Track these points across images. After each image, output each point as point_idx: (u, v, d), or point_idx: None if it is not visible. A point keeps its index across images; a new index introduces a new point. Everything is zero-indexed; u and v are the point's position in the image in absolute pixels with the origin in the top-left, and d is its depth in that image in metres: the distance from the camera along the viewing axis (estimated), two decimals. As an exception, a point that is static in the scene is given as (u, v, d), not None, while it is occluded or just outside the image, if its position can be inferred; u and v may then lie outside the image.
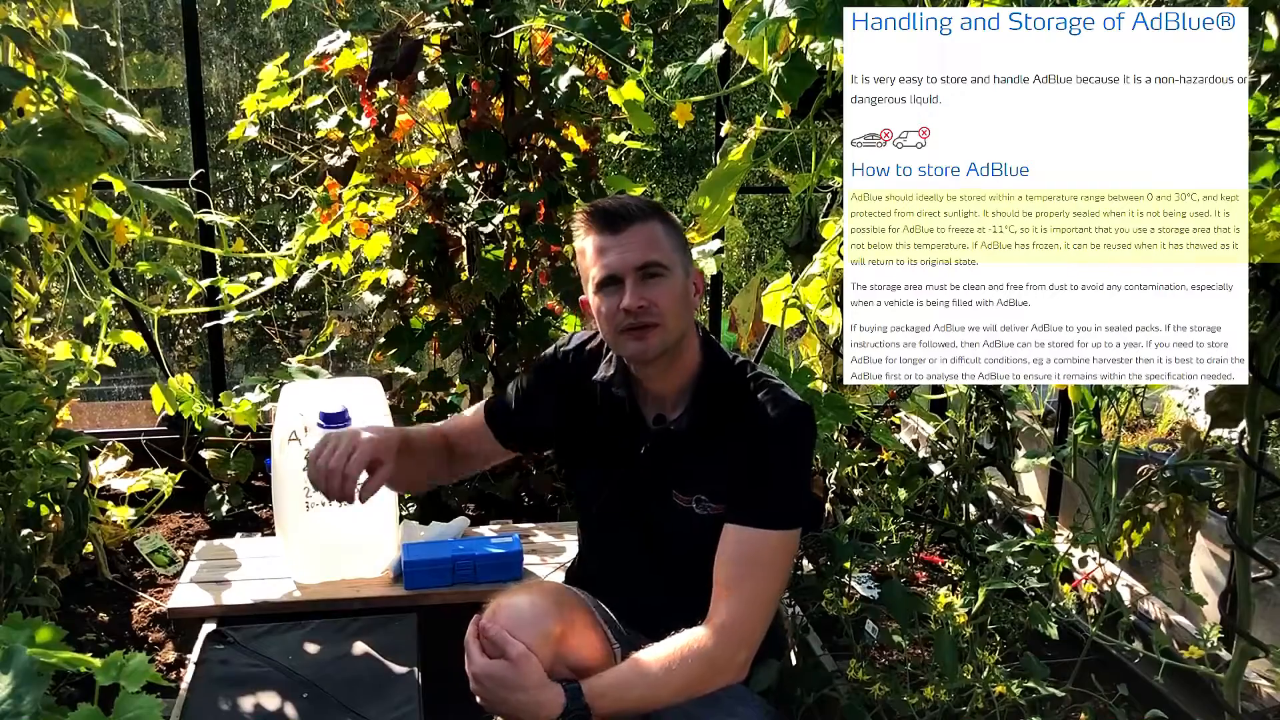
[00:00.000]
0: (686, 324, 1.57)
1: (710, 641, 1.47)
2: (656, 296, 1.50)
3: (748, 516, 1.51)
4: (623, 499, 1.65)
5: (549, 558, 2.34)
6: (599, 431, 1.66)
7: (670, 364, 1.57)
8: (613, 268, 1.51)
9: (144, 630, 2.40)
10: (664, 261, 1.52)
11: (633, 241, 1.51)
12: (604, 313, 1.54)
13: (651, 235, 1.52)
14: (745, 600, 1.49)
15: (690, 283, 1.57)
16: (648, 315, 1.50)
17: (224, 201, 6.12)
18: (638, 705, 1.45)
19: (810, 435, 1.58)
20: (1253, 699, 1.87)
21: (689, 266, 1.58)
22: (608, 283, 1.52)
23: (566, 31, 2.19)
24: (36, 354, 2.43)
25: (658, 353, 1.53)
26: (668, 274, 1.52)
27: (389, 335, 2.71)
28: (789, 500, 1.55)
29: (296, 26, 5.99)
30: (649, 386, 1.61)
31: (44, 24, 2.17)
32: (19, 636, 0.94)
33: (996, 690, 1.62)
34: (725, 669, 1.48)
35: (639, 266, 1.50)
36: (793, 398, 1.57)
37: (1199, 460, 1.91)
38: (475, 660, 1.44)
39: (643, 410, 1.62)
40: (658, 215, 1.55)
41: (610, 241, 1.52)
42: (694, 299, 1.59)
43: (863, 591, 2.27)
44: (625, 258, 1.50)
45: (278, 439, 2.13)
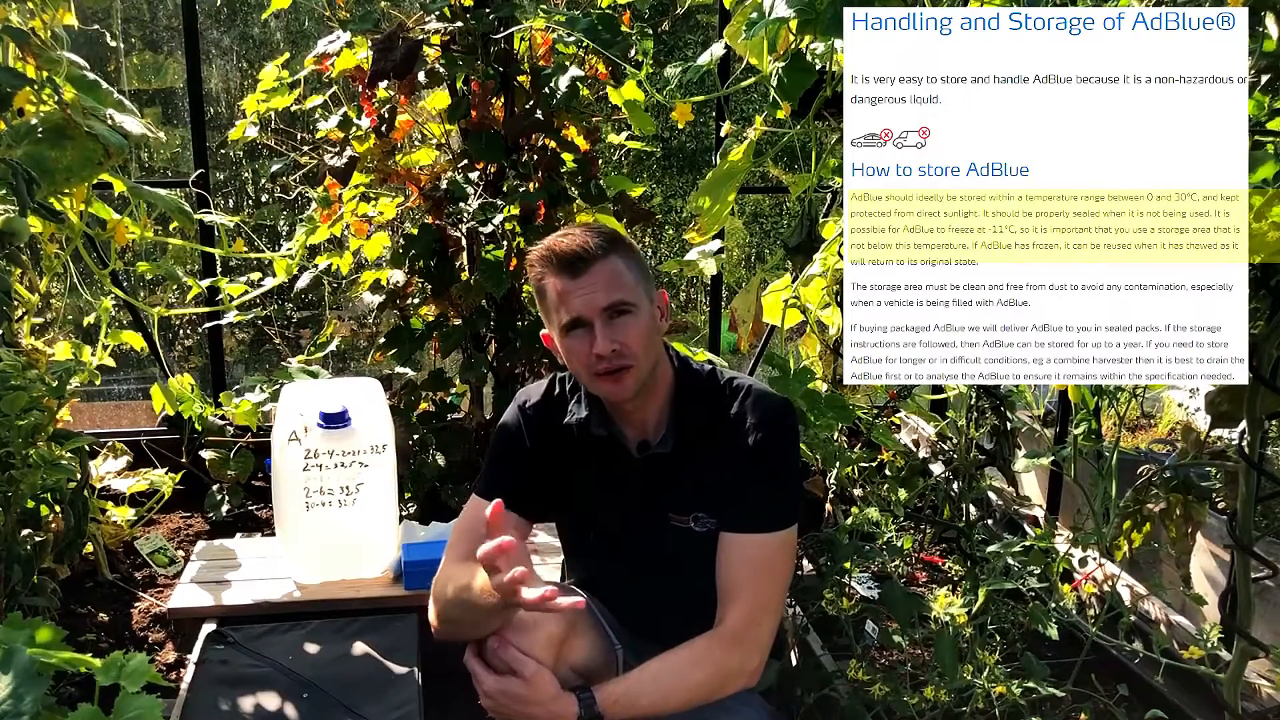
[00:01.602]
0: (657, 353, 1.55)
1: (723, 649, 1.46)
2: (626, 337, 1.47)
3: (748, 523, 1.51)
4: (619, 531, 1.63)
5: (549, 558, 2.34)
6: (583, 473, 1.63)
7: (646, 394, 1.55)
8: (578, 311, 1.48)
9: (144, 630, 2.40)
10: (629, 299, 1.49)
11: (596, 283, 1.47)
12: (574, 355, 1.51)
13: (613, 272, 1.49)
14: (755, 606, 1.49)
15: (655, 309, 1.55)
16: (620, 359, 1.48)
17: (224, 201, 6.12)
18: (649, 711, 1.45)
19: (793, 429, 1.58)
20: (1253, 699, 1.87)
21: (652, 292, 1.55)
22: (574, 326, 1.49)
23: (566, 31, 2.19)
24: (36, 354, 2.42)
25: (634, 392, 1.51)
26: (635, 310, 1.49)
27: (389, 335, 2.71)
28: (784, 499, 1.54)
29: (296, 26, 5.99)
30: (628, 417, 1.59)
31: (44, 24, 2.17)
32: (19, 636, 0.94)
33: (996, 690, 1.62)
34: (738, 675, 1.48)
35: (605, 308, 1.47)
36: (770, 394, 1.57)
37: (1199, 460, 1.91)
38: (486, 680, 1.43)
39: (625, 442, 1.60)
40: (615, 249, 1.51)
41: (572, 285, 1.48)
42: (661, 323, 1.57)
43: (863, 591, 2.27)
44: (591, 299, 1.47)
45: (278, 439, 2.13)
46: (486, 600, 1.35)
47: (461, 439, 2.66)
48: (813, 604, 1.91)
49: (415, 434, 2.67)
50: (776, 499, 1.53)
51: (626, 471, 1.60)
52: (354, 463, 2.14)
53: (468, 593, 1.42)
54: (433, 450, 2.65)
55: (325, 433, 2.11)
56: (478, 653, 1.46)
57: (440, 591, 1.53)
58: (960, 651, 1.70)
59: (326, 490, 2.13)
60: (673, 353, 1.63)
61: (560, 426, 1.63)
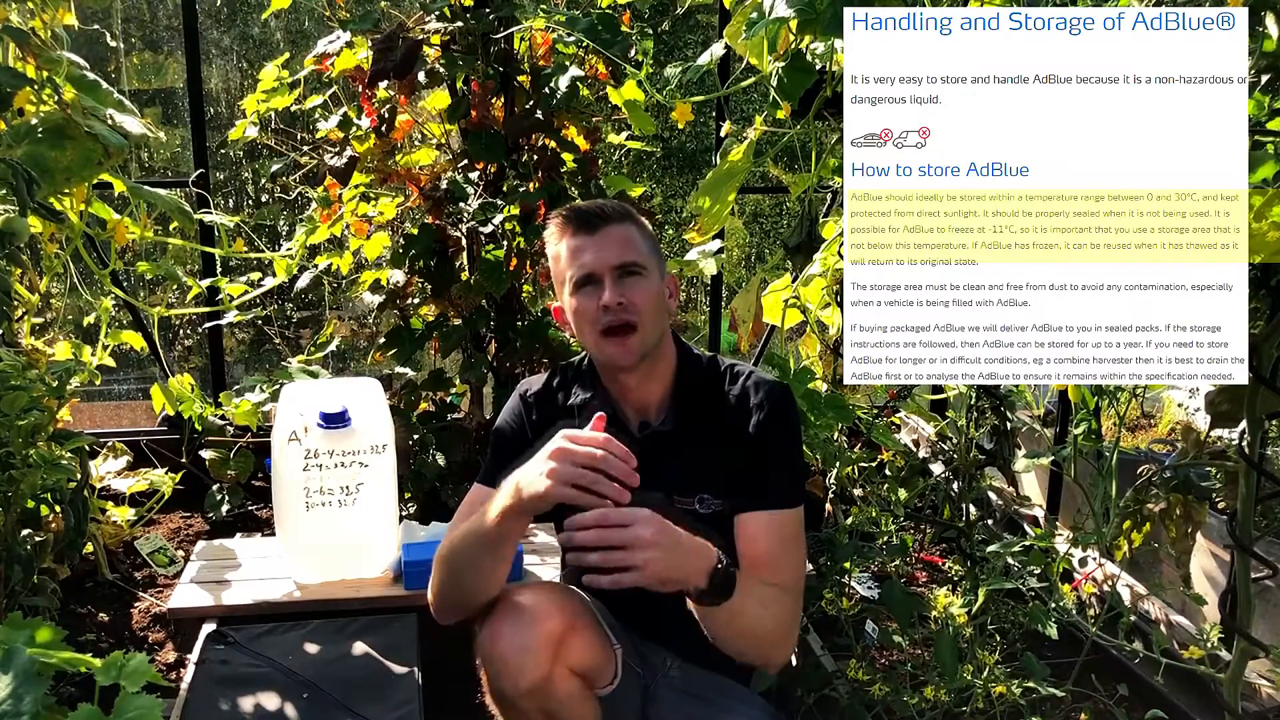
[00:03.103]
0: (663, 327, 1.57)
1: (793, 600, 1.49)
2: (635, 295, 1.50)
3: (769, 501, 1.52)
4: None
5: (549, 558, 2.34)
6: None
7: (650, 369, 1.57)
8: (590, 266, 1.51)
9: (144, 630, 2.40)
10: (640, 262, 1.52)
11: (610, 241, 1.51)
12: (582, 313, 1.53)
13: (628, 236, 1.53)
14: (788, 587, 1.49)
15: (665, 286, 1.58)
16: (626, 313, 1.50)
17: (224, 201, 6.13)
18: (740, 624, 1.41)
19: (795, 409, 1.60)
20: (1253, 699, 1.87)
21: (663, 271, 1.59)
22: (585, 282, 1.52)
23: (566, 31, 2.19)
24: (36, 354, 2.43)
25: (638, 356, 1.53)
26: (645, 274, 1.52)
27: (389, 335, 2.71)
28: (797, 477, 1.57)
29: (296, 26, 5.99)
30: (630, 396, 1.60)
31: (44, 24, 2.17)
32: (19, 636, 0.94)
33: (996, 690, 1.62)
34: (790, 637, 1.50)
35: (616, 265, 1.50)
36: (768, 378, 1.59)
37: (1199, 460, 1.91)
38: (644, 529, 1.30)
39: (626, 422, 1.61)
40: (633, 219, 1.56)
41: (586, 242, 1.52)
42: (669, 303, 1.59)
43: (863, 591, 2.27)
44: (603, 256, 1.51)
45: (278, 439, 2.13)
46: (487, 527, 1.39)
47: (461, 439, 2.66)
48: (813, 604, 1.92)
49: (415, 434, 2.67)
50: (794, 476, 1.56)
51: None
52: (354, 463, 2.14)
53: (467, 532, 1.45)
54: (433, 450, 2.65)
55: (325, 433, 2.11)
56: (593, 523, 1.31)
57: (440, 553, 1.54)
58: (960, 651, 1.70)
59: (326, 490, 2.13)
60: (677, 337, 1.65)
61: (561, 412, 1.64)
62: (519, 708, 1.50)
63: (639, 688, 1.66)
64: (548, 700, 1.49)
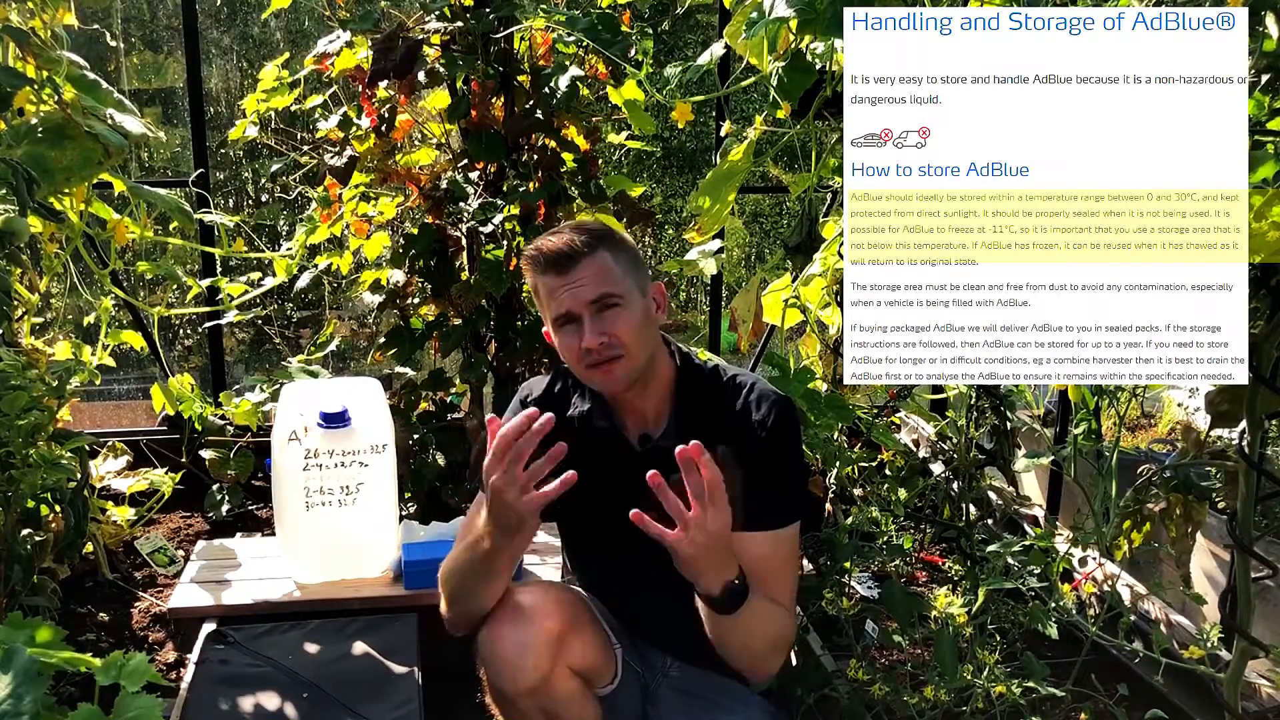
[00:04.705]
0: (653, 344, 1.56)
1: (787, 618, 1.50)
2: (614, 329, 1.49)
3: (768, 521, 1.51)
4: (625, 527, 1.63)
5: (549, 558, 2.34)
6: (585, 466, 1.64)
7: (646, 384, 1.57)
8: (566, 307, 1.50)
9: (144, 630, 2.40)
10: (617, 292, 1.50)
11: (583, 278, 1.49)
12: (566, 349, 1.53)
13: (600, 267, 1.50)
14: (785, 604, 1.51)
15: (650, 300, 1.56)
16: (610, 350, 1.49)
17: (224, 201, 6.13)
18: (740, 638, 1.45)
19: (797, 424, 1.60)
20: (1253, 699, 1.87)
21: (645, 285, 1.56)
22: (565, 321, 1.52)
23: (566, 31, 2.18)
24: (36, 354, 2.42)
25: (626, 383, 1.53)
26: (623, 302, 1.50)
27: (389, 335, 2.71)
28: (797, 493, 1.58)
29: (296, 26, 5.99)
30: (629, 408, 1.60)
31: (44, 24, 2.17)
32: (19, 636, 0.94)
33: (996, 690, 1.62)
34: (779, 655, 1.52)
35: (592, 301, 1.49)
36: (772, 391, 1.58)
37: (1199, 460, 1.91)
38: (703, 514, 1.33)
39: (627, 435, 1.61)
40: (604, 244, 1.53)
41: (559, 282, 1.50)
42: (657, 315, 1.58)
43: (863, 591, 2.27)
44: (578, 295, 1.49)
45: (278, 439, 2.13)
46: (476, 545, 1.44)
47: (461, 439, 2.66)
48: (813, 604, 1.92)
49: (415, 434, 2.67)
50: (795, 493, 1.57)
51: (628, 464, 1.60)
52: (354, 462, 2.14)
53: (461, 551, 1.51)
54: (433, 450, 2.65)
55: (325, 432, 2.11)
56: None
57: (441, 574, 1.58)
58: (960, 651, 1.70)
59: (326, 490, 2.13)
60: (674, 347, 1.64)
61: (562, 420, 1.63)
62: (519, 707, 1.50)
63: (639, 687, 1.66)
64: (548, 700, 1.49)
